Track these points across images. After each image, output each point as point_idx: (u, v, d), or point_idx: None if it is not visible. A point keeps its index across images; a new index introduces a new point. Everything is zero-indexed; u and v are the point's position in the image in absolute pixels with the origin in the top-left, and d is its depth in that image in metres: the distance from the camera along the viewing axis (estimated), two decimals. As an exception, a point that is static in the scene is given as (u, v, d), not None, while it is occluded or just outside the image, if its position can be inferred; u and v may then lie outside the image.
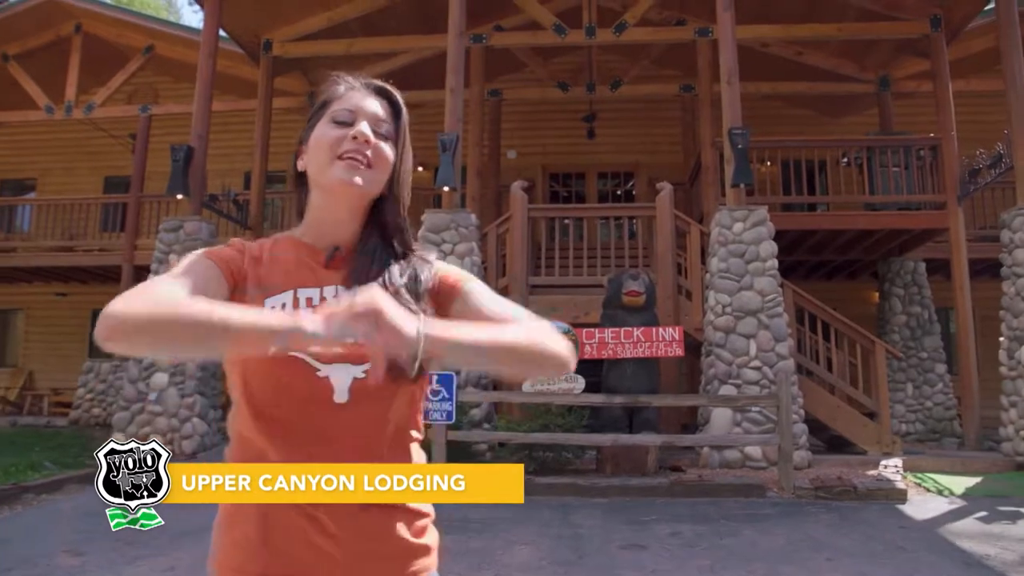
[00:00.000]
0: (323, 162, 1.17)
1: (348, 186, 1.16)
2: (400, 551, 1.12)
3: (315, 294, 1.15)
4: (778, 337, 8.16)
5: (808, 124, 13.54)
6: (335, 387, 1.09)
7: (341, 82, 1.24)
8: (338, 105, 1.20)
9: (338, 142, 1.16)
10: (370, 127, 1.18)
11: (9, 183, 16.60)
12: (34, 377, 15.76)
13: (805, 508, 6.31)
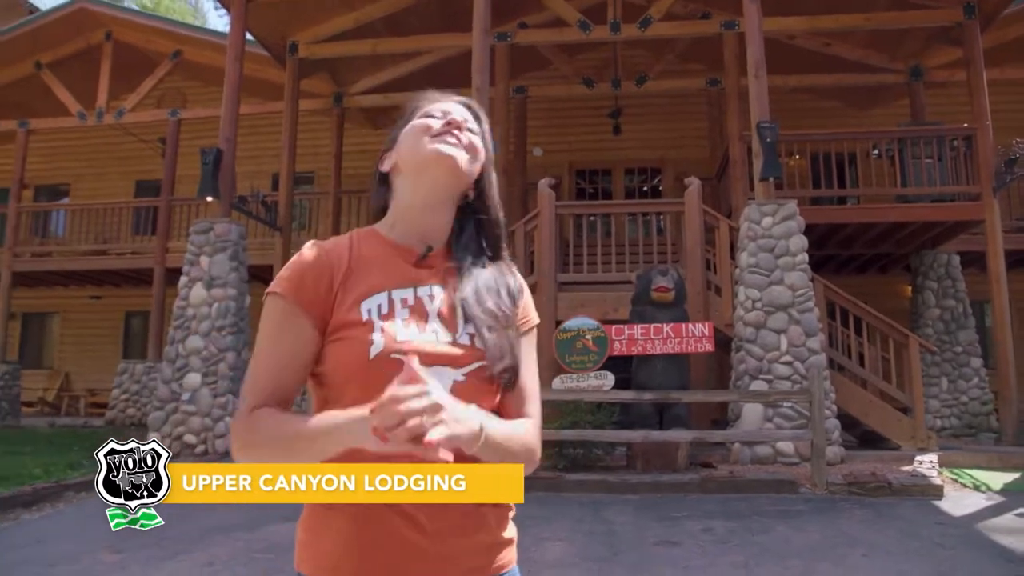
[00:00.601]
0: (417, 143, 1.18)
1: (444, 157, 1.16)
2: (487, 545, 1.13)
3: (410, 294, 1.15)
4: (809, 332, 8.08)
5: (836, 117, 13.39)
6: None
7: (428, 94, 1.26)
8: (425, 107, 1.23)
9: (431, 127, 1.18)
10: None
11: (44, 189, 16.94)
12: (70, 379, 16.07)
13: (838, 504, 6.24)
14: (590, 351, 7.94)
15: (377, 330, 1.09)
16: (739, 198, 10.08)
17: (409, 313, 1.13)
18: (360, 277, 1.15)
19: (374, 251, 1.19)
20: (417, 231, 1.20)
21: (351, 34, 11.93)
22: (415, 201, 1.20)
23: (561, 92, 13.58)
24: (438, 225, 1.21)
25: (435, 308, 1.15)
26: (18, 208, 14.13)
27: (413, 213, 1.20)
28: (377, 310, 1.12)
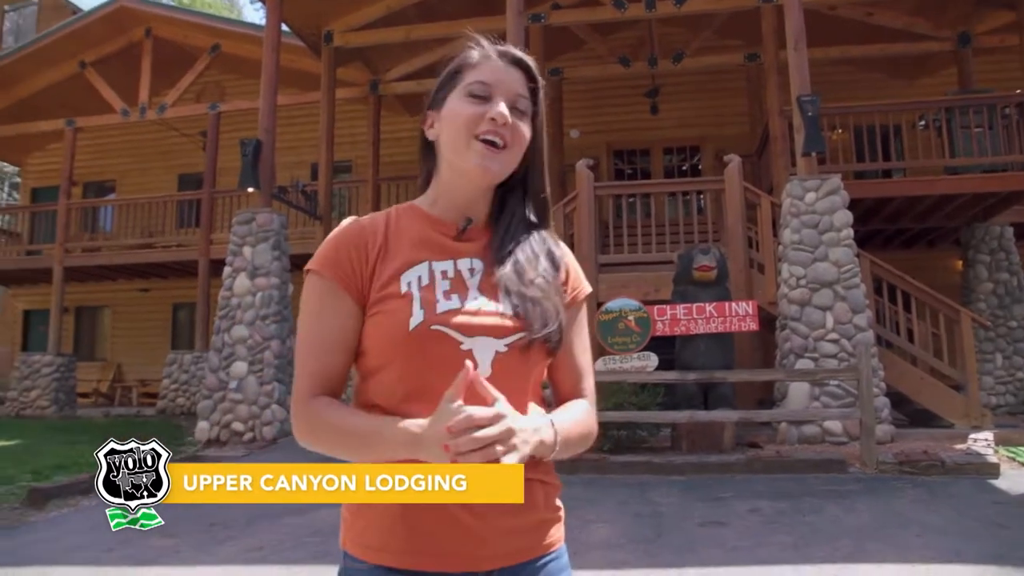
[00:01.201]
0: (460, 143, 1.13)
1: (485, 172, 1.13)
2: (537, 523, 1.12)
3: (449, 267, 1.14)
4: (856, 309, 7.91)
5: (880, 88, 13.04)
6: (479, 360, 1.07)
7: (475, 48, 1.19)
8: (473, 76, 1.15)
9: (475, 121, 1.12)
10: (508, 105, 1.13)
11: (92, 185, 17.36)
12: (123, 369, 16.49)
13: (890, 483, 6.13)
14: (632, 332, 7.89)
15: (416, 302, 1.09)
16: (780, 174, 9.89)
17: (450, 285, 1.12)
18: (399, 250, 1.14)
19: (414, 225, 1.18)
20: (458, 207, 1.19)
21: (384, 21, 11.94)
22: (457, 191, 1.19)
23: (597, 72, 13.45)
24: (479, 201, 1.20)
25: (476, 280, 1.14)
26: (68, 205, 14.49)
27: (455, 199, 1.19)
28: (417, 282, 1.11)
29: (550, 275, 1.17)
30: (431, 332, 1.07)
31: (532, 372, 1.14)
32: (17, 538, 5.33)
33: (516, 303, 1.11)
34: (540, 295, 1.13)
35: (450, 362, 1.05)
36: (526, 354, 1.11)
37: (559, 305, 1.16)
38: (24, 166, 18.56)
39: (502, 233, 1.18)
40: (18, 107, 14.87)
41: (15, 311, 17.81)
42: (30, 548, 4.98)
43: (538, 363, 1.14)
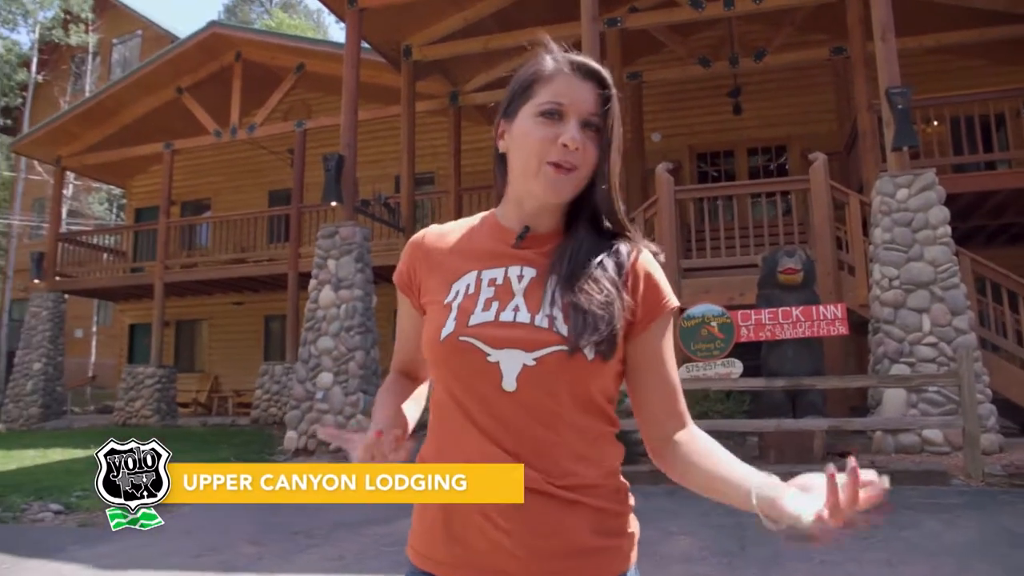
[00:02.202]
0: (530, 167, 1.11)
1: (555, 196, 1.12)
2: (578, 549, 1.05)
3: (499, 274, 1.13)
4: (955, 310, 7.47)
5: (981, 75, 12.32)
6: (504, 373, 1.05)
7: (549, 57, 1.16)
8: (545, 92, 1.12)
9: (546, 144, 1.09)
10: (579, 124, 1.10)
11: (189, 204, 18.22)
12: (219, 381, 17.18)
13: (998, 497, 5.73)
14: (716, 338, 7.69)
15: (454, 311, 1.11)
16: (870, 171, 9.46)
17: (494, 293, 1.11)
18: (455, 257, 1.18)
19: (479, 233, 1.21)
20: (523, 218, 1.17)
21: (462, 33, 12.07)
22: (525, 207, 1.17)
23: (677, 74, 13.23)
24: (547, 213, 1.17)
25: (523, 287, 1.11)
26: (167, 223, 15.23)
27: (522, 206, 1.17)
28: (465, 291, 1.13)
29: (608, 281, 1.10)
30: (459, 343, 1.08)
31: (577, 388, 1.07)
32: (114, 543, 5.58)
33: (558, 312, 1.07)
34: (588, 302, 1.07)
35: (477, 373, 1.06)
36: (563, 369, 1.05)
37: (616, 313, 1.08)
38: (128, 188, 19.65)
39: (562, 241, 1.15)
40: (123, 133, 15.77)
41: (122, 325, 18.85)
42: (126, 553, 5.20)
43: (586, 378, 1.07)
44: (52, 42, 24.12)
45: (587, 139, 1.10)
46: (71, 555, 5.17)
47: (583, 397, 1.08)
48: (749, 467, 1.06)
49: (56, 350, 15.55)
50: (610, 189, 1.14)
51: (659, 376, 1.14)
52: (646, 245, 1.18)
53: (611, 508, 1.10)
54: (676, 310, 1.17)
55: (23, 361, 15.40)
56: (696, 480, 1.10)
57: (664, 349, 1.15)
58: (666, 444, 1.14)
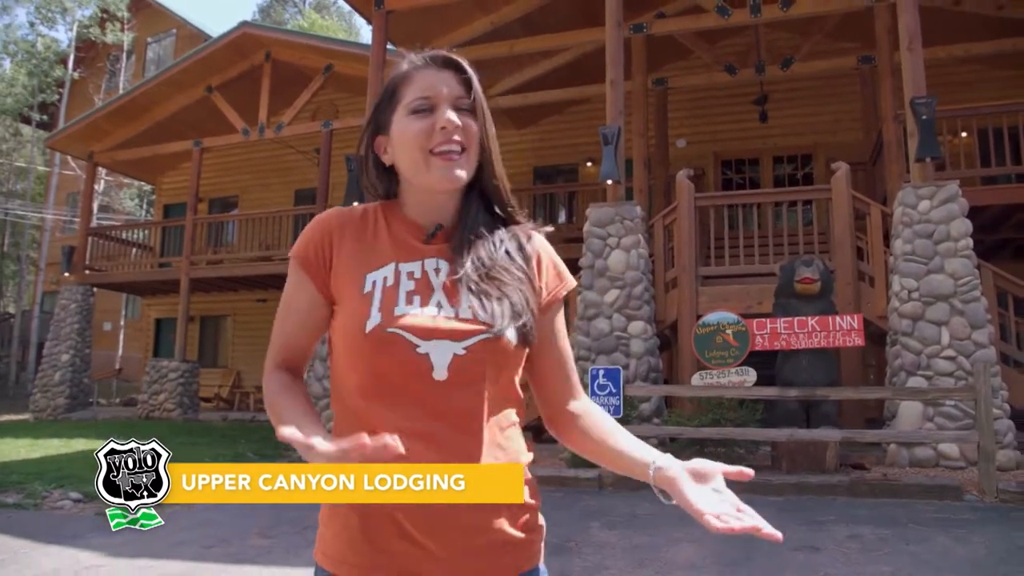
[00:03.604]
0: (417, 162, 1.14)
1: (452, 183, 1.14)
2: (500, 544, 1.09)
3: (417, 268, 1.14)
4: (975, 324, 7.38)
5: (1013, 86, 12.09)
6: (434, 364, 1.07)
7: (404, 61, 1.20)
8: (410, 92, 1.15)
9: (426, 136, 1.12)
10: (451, 108, 1.14)
11: (217, 201, 18.47)
12: (241, 376, 17.38)
13: (1011, 514, 5.66)
14: (730, 346, 7.68)
15: (376, 304, 1.10)
16: (895, 182, 9.37)
17: (414, 286, 1.12)
18: (368, 249, 1.16)
19: (390, 224, 1.20)
20: (427, 212, 1.20)
21: (488, 36, 12.12)
22: (424, 203, 1.20)
23: (703, 81, 13.16)
24: (447, 205, 1.20)
25: (440, 281, 1.13)
26: (194, 220, 15.46)
27: (424, 208, 1.20)
28: (382, 283, 1.12)
29: (518, 269, 1.16)
30: (387, 335, 1.07)
31: (500, 374, 1.11)
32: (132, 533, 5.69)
33: (477, 303, 1.10)
34: (504, 291, 1.12)
35: (406, 364, 1.07)
36: (490, 356, 1.09)
37: (529, 297, 1.14)
38: (158, 184, 19.97)
39: (463, 232, 1.18)
40: (154, 130, 16.03)
41: (148, 320, 19.15)
42: (141, 543, 5.31)
43: (507, 364, 1.12)
44: (89, 40, 24.58)
45: (466, 119, 1.14)
46: (88, 542, 5.30)
47: (504, 383, 1.13)
48: (639, 440, 1.15)
49: (84, 342, 15.84)
50: (492, 167, 1.18)
51: (557, 349, 1.22)
52: (538, 228, 1.24)
53: (527, 503, 1.13)
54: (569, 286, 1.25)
55: (52, 352, 15.71)
56: (588, 447, 1.20)
57: (560, 325, 1.23)
58: (561, 413, 1.23)
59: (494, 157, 1.19)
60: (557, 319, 1.23)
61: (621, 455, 1.15)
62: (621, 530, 5.35)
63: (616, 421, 1.22)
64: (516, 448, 1.14)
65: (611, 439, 1.18)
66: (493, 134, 1.20)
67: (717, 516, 0.95)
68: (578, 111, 14.29)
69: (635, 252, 8.83)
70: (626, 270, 8.75)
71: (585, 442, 1.21)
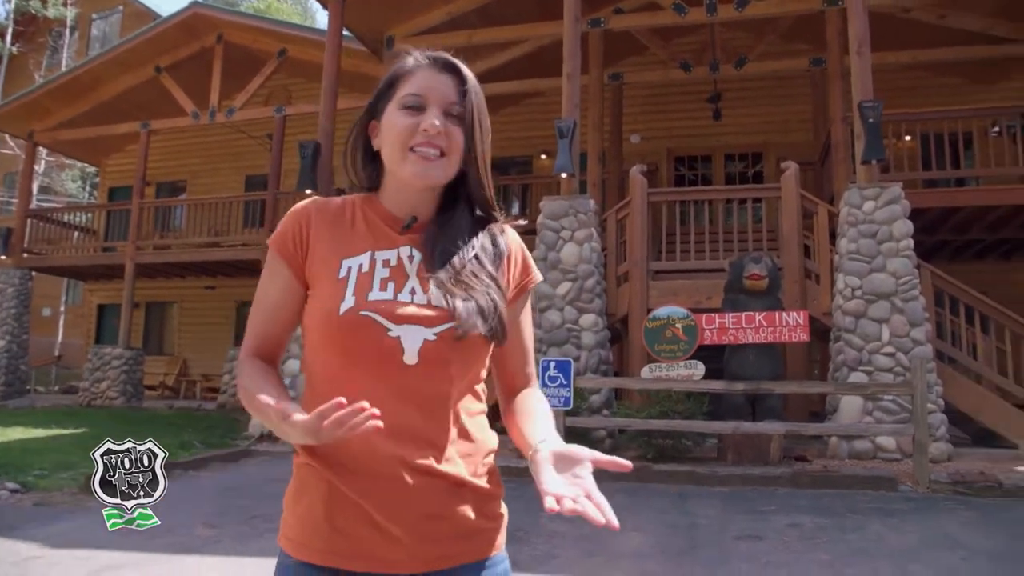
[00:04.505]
0: (396, 155, 1.17)
1: (422, 180, 1.17)
2: (466, 530, 1.11)
3: (392, 256, 1.16)
4: (914, 322, 7.64)
5: (955, 93, 12.55)
6: (405, 348, 1.08)
7: (409, 57, 1.23)
8: (407, 87, 1.18)
9: (409, 132, 1.15)
10: (440, 112, 1.16)
11: (164, 185, 18.03)
12: (188, 364, 17.06)
13: (941, 504, 5.89)
14: (679, 340, 7.79)
15: (350, 287, 1.11)
16: (842, 182, 9.61)
17: (389, 273, 1.14)
18: (345, 235, 1.18)
19: (367, 215, 1.22)
20: (405, 205, 1.22)
21: (446, 26, 12.05)
22: (403, 195, 1.22)
23: (658, 77, 13.30)
24: (425, 201, 1.22)
25: (414, 269, 1.16)
26: (140, 204, 15.08)
27: (400, 195, 1.22)
28: (357, 269, 1.14)
29: (488, 268, 1.19)
30: (360, 317, 1.09)
31: (468, 362, 1.14)
32: (74, 521, 5.57)
33: (446, 295, 1.12)
34: (472, 293, 1.14)
35: (377, 347, 1.08)
36: (460, 344, 1.11)
37: (497, 298, 1.16)
38: (102, 166, 19.41)
39: (437, 228, 1.20)
40: (99, 110, 15.56)
41: (90, 305, 18.63)
42: (83, 531, 5.19)
43: (475, 353, 1.14)
44: (29, 13, 23.74)
45: (452, 126, 1.16)
46: (25, 533, 5.15)
47: (472, 372, 1.16)
48: (549, 427, 1.14)
49: (21, 328, 15.35)
50: (478, 172, 1.20)
51: (520, 339, 1.26)
52: (511, 223, 1.28)
53: (491, 490, 1.15)
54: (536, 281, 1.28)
55: (-13, 338, 15.20)
56: (510, 430, 1.22)
57: (525, 317, 1.27)
58: (512, 400, 1.26)
59: (480, 164, 1.21)
60: (523, 311, 1.27)
61: (521, 435, 1.16)
62: (569, 520, 5.39)
63: (549, 408, 1.23)
64: (483, 436, 1.17)
65: (522, 419, 1.20)
66: (486, 142, 1.22)
67: (557, 498, 0.93)
68: (533, 103, 14.32)
69: (588, 245, 8.90)
70: (579, 263, 8.82)
71: (509, 425, 1.23)
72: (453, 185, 1.22)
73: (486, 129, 1.22)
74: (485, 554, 1.14)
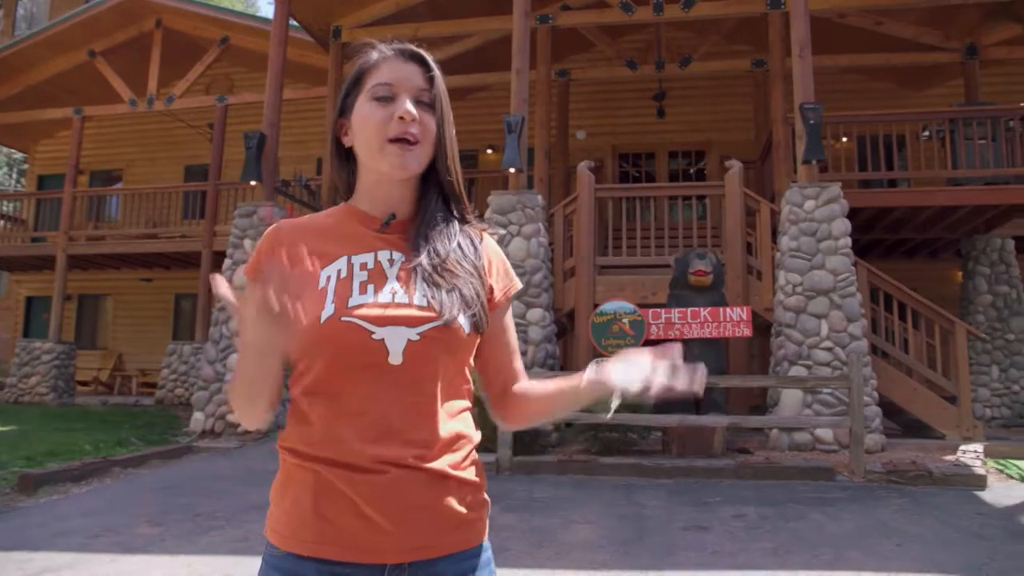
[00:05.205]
0: (373, 148, 1.18)
1: (402, 171, 1.18)
2: (450, 521, 1.12)
3: (369, 259, 1.17)
4: (851, 317, 7.91)
5: (889, 97, 13.02)
6: (390, 350, 1.10)
7: (373, 50, 1.23)
8: (375, 78, 1.20)
9: (384, 123, 1.16)
10: (411, 100, 1.18)
11: (98, 174, 17.43)
12: (123, 359, 16.56)
13: (876, 492, 6.13)
14: (626, 335, 7.91)
15: (330, 295, 1.12)
16: (782, 181, 9.89)
17: (368, 276, 1.15)
18: (319, 245, 1.18)
19: (340, 221, 1.23)
20: (383, 203, 1.23)
21: (394, 18, 11.95)
22: (378, 191, 1.23)
23: (604, 74, 13.45)
24: (402, 197, 1.24)
25: (394, 271, 1.17)
26: (73, 193, 14.56)
27: (378, 196, 1.23)
28: (336, 276, 1.15)
29: (469, 262, 1.21)
30: (342, 324, 1.10)
31: (452, 360, 1.16)
32: (6, 522, 5.38)
33: (431, 291, 1.14)
34: (455, 283, 1.16)
35: (361, 351, 1.09)
36: (443, 342, 1.13)
37: (479, 291, 1.19)
38: (31, 153, 18.65)
39: (419, 223, 1.22)
40: (27, 94, 14.95)
41: (17, 297, 17.91)
42: (18, 533, 5.03)
43: (459, 350, 1.16)
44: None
45: (423, 114, 1.19)
46: (-45, 533, 4.97)
47: (457, 369, 1.18)
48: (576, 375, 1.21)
49: (-56, 320, 14.70)
50: (447, 159, 1.23)
51: (507, 341, 1.31)
52: (489, 230, 1.31)
53: (475, 482, 1.17)
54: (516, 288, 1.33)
55: (-94, 330, 14.50)
56: (537, 406, 1.29)
57: (509, 318, 1.32)
58: (506, 394, 1.31)
59: (450, 153, 1.24)
60: (507, 315, 1.31)
61: (562, 391, 1.23)
62: (519, 513, 5.46)
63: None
64: (467, 430, 1.18)
65: (544, 388, 1.27)
66: (452, 131, 1.24)
67: None
68: (480, 98, 14.30)
69: (535, 240, 8.96)
70: (526, 258, 8.86)
71: (532, 404, 1.28)
72: (425, 175, 1.23)
73: (450, 120, 1.24)
74: (470, 544, 1.16)
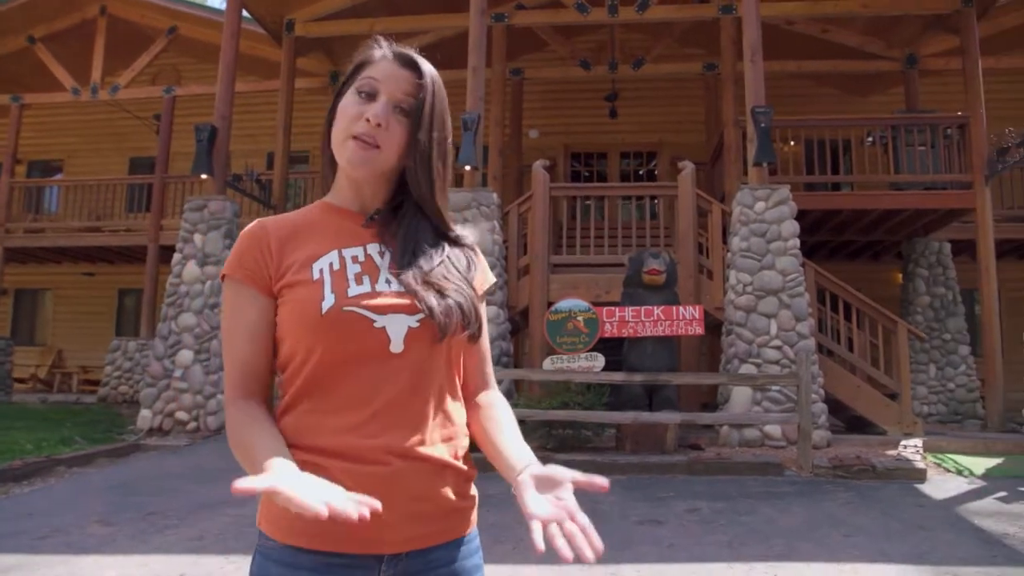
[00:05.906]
0: (338, 139, 1.19)
1: (352, 168, 1.19)
2: (446, 510, 1.14)
3: (360, 252, 1.18)
4: (799, 317, 8.13)
5: (834, 103, 13.40)
6: (392, 337, 1.11)
7: (376, 47, 1.24)
8: (367, 72, 1.21)
9: (355, 119, 1.17)
10: (390, 104, 1.17)
11: (37, 164, 16.86)
12: (63, 355, 16.06)
13: (823, 486, 6.32)
14: (581, 333, 7.99)
15: (327, 286, 1.13)
16: (733, 183, 10.11)
17: (360, 268, 1.16)
18: (308, 240, 1.19)
19: (324, 217, 1.24)
20: (357, 196, 1.24)
21: (348, 13, 11.86)
22: (345, 180, 1.24)
23: (558, 74, 13.54)
24: (377, 190, 1.24)
25: (386, 263, 1.18)
26: (10, 183, 14.06)
27: (355, 191, 1.24)
28: (329, 268, 1.15)
29: (463, 271, 1.23)
30: (344, 313, 1.10)
31: (449, 347, 1.17)
32: (-55, 522, 5.19)
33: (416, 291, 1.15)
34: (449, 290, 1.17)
35: (364, 340, 1.10)
36: (434, 332, 1.14)
37: (472, 296, 1.21)
38: (-34, 142, 17.95)
39: (400, 224, 1.22)
40: (-39, 80, 14.41)
41: (-49, 291, 17.23)
42: (-42, 533, 4.86)
43: (455, 344, 1.18)
44: None
45: (397, 122, 1.18)
46: None
47: (452, 357, 1.20)
48: (522, 446, 1.19)
49: None
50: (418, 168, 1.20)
51: (480, 343, 1.28)
52: (467, 230, 1.31)
53: (468, 472, 1.19)
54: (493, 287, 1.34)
55: None
56: (480, 437, 1.24)
57: (484, 341, 1.31)
58: (469, 402, 1.27)
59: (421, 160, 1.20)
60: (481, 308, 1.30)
61: (499, 455, 1.18)
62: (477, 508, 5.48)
63: (513, 416, 1.27)
64: (461, 420, 1.21)
65: (498, 436, 1.22)
66: (438, 140, 1.22)
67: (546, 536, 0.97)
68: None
69: (490, 238, 8.99)
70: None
71: (479, 432, 1.25)
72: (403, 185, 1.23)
73: (441, 127, 1.22)
74: (462, 532, 1.18)
